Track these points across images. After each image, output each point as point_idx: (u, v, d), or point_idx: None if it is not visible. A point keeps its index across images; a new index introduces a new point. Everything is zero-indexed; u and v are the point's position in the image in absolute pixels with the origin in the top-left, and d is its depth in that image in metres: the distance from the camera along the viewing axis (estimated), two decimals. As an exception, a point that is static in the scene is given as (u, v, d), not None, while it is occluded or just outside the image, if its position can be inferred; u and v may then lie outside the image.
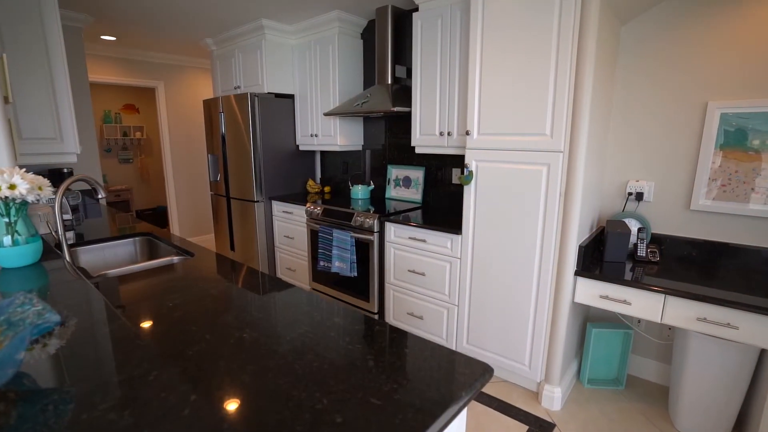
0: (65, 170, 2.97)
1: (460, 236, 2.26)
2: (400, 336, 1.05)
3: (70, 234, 2.32)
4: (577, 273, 1.89)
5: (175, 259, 1.87)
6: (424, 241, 2.44)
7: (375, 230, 2.65)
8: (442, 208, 2.95)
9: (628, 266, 1.93)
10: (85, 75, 3.06)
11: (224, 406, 0.75)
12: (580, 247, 1.88)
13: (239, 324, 1.12)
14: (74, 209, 3.01)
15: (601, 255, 2.04)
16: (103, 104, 5.45)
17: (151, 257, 2.21)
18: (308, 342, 1.02)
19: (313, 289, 3.20)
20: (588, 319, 2.39)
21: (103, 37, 3.65)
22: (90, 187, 3.21)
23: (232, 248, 3.84)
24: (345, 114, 2.95)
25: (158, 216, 5.74)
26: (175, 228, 4.77)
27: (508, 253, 2.07)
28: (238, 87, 3.62)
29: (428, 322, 2.53)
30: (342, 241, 2.78)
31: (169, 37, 3.75)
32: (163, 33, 3.60)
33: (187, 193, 4.77)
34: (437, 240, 2.38)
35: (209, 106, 3.71)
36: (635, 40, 2.07)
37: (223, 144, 3.63)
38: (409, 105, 2.73)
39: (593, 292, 1.86)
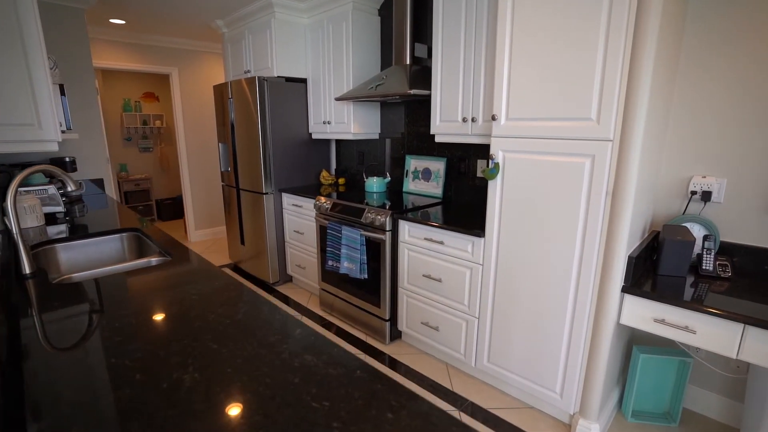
0: (67, 159, 2.86)
1: (482, 239, 1.95)
2: (383, 389, 0.78)
3: (63, 227, 2.17)
4: (625, 289, 1.54)
5: (154, 260, 1.68)
6: (441, 242, 2.14)
7: (387, 228, 2.37)
8: (465, 205, 2.62)
9: (690, 282, 1.56)
10: (88, 59, 2.92)
11: None
12: (630, 258, 1.53)
13: (184, 358, 0.88)
14: (77, 200, 2.90)
15: (654, 267, 1.68)
16: (122, 92, 5.41)
17: (140, 254, 2.03)
18: (262, 393, 0.76)
19: (322, 289, 2.97)
20: (634, 339, 2.03)
21: (111, 20, 3.51)
22: (91, 180, 3.09)
23: (243, 242, 3.67)
24: (358, 98, 2.67)
25: (177, 206, 5.69)
26: (190, 219, 4.67)
27: (540, 261, 1.74)
28: (248, 71, 3.40)
29: (444, 334, 2.24)
30: (351, 239, 2.52)
31: (178, 20, 3.57)
32: (171, 14, 3.41)
33: (201, 183, 4.65)
34: (456, 242, 2.07)
35: (219, 92, 3.51)
36: None
37: (233, 132, 3.43)
38: (429, 87, 2.41)
39: (645, 314, 1.51)
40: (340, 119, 3.09)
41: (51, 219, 2.27)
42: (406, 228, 2.32)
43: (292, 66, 3.20)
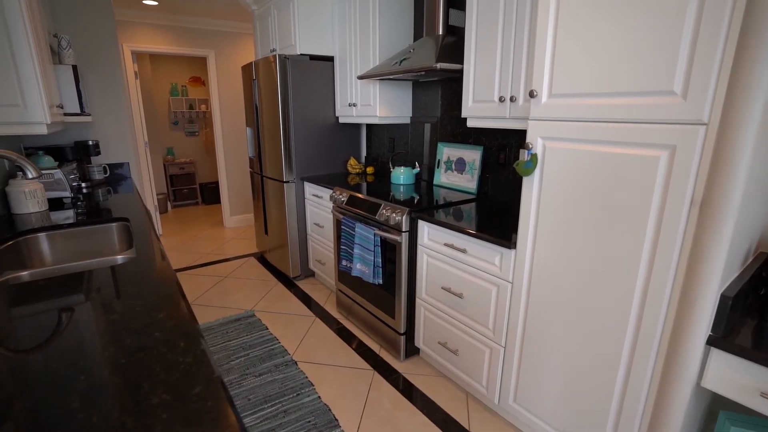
0: (90, 142, 2.83)
1: (512, 251, 1.53)
2: None
3: (70, 213, 2.09)
4: (714, 341, 1.07)
5: (120, 258, 1.48)
6: (464, 251, 1.75)
7: (403, 229, 2.02)
8: (502, 204, 2.19)
9: (821, 337, 1.04)
10: (114, 40, 2.85)
11: None
12: (724, 297, 1.05)
13: (20, 426, 0.62)
14: (99, 184, 2.88)
15: (762, 310, 1.17)
16: (170, 77, 5.50)
17: (129, 246, 1.88)
18: None
19: (339, 290, 2.70)
20: (719, 400, 1.51)
21: (144, 1, 3.44)
22: (90, 168, 3.01)
23: (266, 232, 3.51)
24: (381, 76, 2.31)
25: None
26: (226, 205, 4.64)
27: (586, 287, 1.30)
28: (274, 50, 3.17)
29: (464, 360, 1.86)
30: (364, 238, 2.20)
31: (210, -2, 3.42)
32: (201, -8, 3.27)
33: (237, 168, 4.58)
34: (481, 252, 1.67)
35: (246, 73, 3.33)
36: None
37: (257, 115, 3.24)
38: (461, 61, 1.99)
39: (745, 381, 1.03)
40: (365, 101, 2.76)
41: (58, 204, 2.20)
42: (425, 229, 1.96)
43: (317, 42, 2.91)
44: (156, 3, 3.51)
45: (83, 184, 2.65)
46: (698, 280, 1.05)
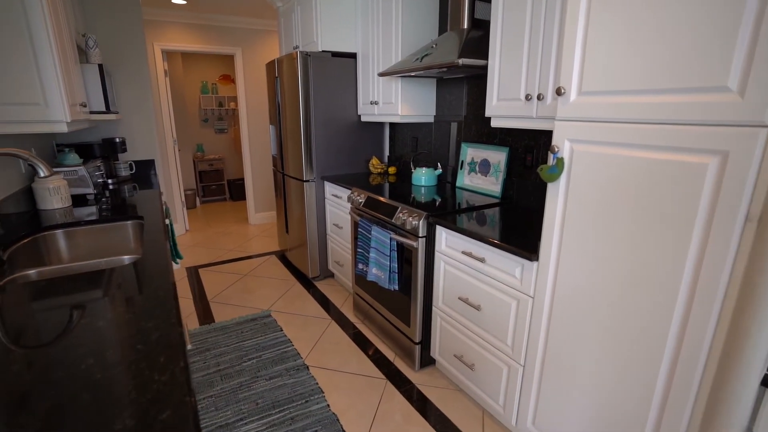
0: (117, 139, 2.89)
1: (534, 264, 1.40)
2: None
3: (92, 209, 2.13)
4: (769, 382, 0.91)
5: (127, 258, 1.48)
6: (482, 260, 1.63)
7: (420, 234, 1.92)
8: (527, 210, 2.04)
9: None
10: (141, 39, 2.90)
11: None
12: (785, 331, 0.89)
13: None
14: (125, 180, 2.95)
15: (830, 344, 0.99)
16: (200, 75, 5.61)
17: (142, 243, 1.89)
18: None
19: (356, 293, 2.63)
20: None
21: (173, 0, 3.50)
22: (106, 164, 3.05)
23: (287, 231, 3.50)
24: (402, 73, 2.21)
25: (247, 187, 5.81)
26: (251, 202, 4.68)
27: (615, 308, 1.16)
28: (297, 46, 3.13)
29: (481, 375, 1.74)
30: (380, 242, 2.12)
31: (236, -4, 3.43)
32: (227, -10, 3.27)
33: (261, 166, 4.61)
34: (500, 263, 1.55)
35: (270, 70, 3.31)
36: None
37: (280, 113, 3.22)
38: (487, 56, 1.86)
39: (806, 432, 0.87)
40: (387, 99, 2.67)
41: (82, 201, 2.25)
42: (443, 235, 1.85)
43: (340, 39, 2.84)
44: (184, 2, 3.55)
45: (109, 181, 2.72)
46: (754, 310, 0.90)
